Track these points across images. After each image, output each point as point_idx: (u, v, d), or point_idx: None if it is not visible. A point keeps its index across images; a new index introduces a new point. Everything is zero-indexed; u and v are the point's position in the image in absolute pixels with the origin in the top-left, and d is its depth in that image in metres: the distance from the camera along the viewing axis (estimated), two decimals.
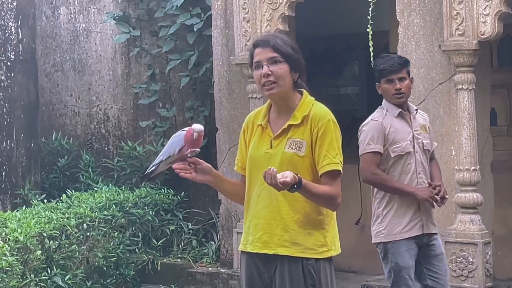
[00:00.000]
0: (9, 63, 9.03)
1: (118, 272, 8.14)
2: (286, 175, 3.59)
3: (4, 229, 6.96)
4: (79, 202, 8.01)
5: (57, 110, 10.28)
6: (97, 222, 7.78)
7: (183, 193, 8.86)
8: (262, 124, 3.91)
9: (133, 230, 8.40)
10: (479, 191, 6.60)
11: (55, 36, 10.25)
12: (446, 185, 5.73)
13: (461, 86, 6.56)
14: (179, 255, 8.62)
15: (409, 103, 5.33)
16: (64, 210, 7.70)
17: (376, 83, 5.31)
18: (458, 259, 6.53)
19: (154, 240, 8.60)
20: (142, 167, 9.18)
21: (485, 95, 7.08)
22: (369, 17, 6.92)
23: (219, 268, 8.23)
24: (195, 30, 8.77)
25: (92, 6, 9.97)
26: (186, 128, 3.88)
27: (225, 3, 8.04)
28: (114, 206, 8.12)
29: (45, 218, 7.32)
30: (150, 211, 8.50)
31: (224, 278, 8.01)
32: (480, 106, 6.84)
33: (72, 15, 10.12)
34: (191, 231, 8.81)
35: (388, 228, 5.16)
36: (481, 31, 6.47)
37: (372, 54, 6.98)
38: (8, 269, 6.57)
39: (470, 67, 6.58)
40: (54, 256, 7.25)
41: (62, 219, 7.43)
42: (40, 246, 7.05)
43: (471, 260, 6.48)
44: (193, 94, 9.22)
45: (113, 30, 9.74)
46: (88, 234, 7.69)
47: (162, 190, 8.81)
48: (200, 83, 9.12)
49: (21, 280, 6.76)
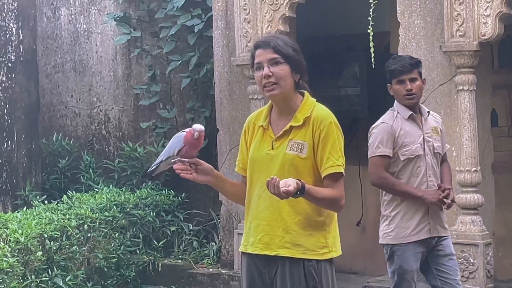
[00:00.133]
0: (10, 64, 9.03)
1: (118, 273, 8.14)
2: (289, 183, 3.57)
3: (4, 230, 6.96)
4: (80, 203, 8.01)
5: (57, 111, 10.27)
6: (98, 223, 7.78)
7: (184, 194, 8.86)
8: (263, 125, 3.90)
9: (133, 231, 8.40)
10: (480, 192, 6.59)
11: (56, 37, 10.25)
12: None
13: (462, 87, 6.56)
14: (180, 256, 8.62)
15: (421, 105, 5.28)
16: (64, 211, 7.70)
17: (387, 84, 5.28)
18: (459, 260, 6.50)
19: (154, 241, 8.59)
20: (143, 168, 9.18)
21: (486, 96, 7.08)
22: (369, 18, 6.91)
23: (220, 269, 8.23)
24: (196, 31, 8.77)
25: (92, 7, 9.97)
26: (187, 129, 3.88)
27: (225, 4, 8.04)
28: (115, 207, 8.12)
29: (45, 219, 7.32)
30: (151, 212, 8.50)
31: (225, 279, 8.01)
32: (481, 107, 6.84)
33: (72, 16, 10.12)
34: (192, 232, 8.81)
35: (396, 230, 5.13)
36: (482, 32, 6.46)
37: (373, 55, 6.98)
38: (8, 270, 6.57)
39: (471, 68, 6.57)
40: (54, 257, 7.25)
41: (63, 220, 7.43)
42: (40, 247, 7.05)
43: (472, 261, 6.48)
44: (193, 95, 9.22)
45: (113, 31, 9.73)
46: (88, 235, 7.69)
47: (163, 191, 8.81)
48: (200, 84, 9.11)
49: (21, 281, 6.76)
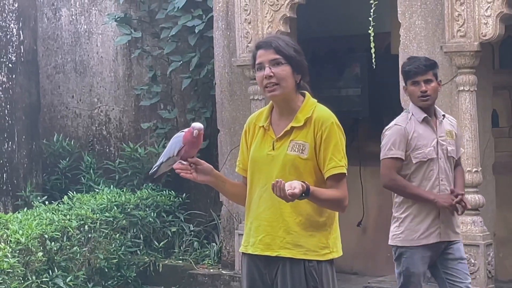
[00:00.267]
0: (10, 65, 9.03)
1: (119, 273, 8.14)
2: (295, 186, 3.57)
3: (5, 230, 6.97)
4: (81, 203, 8.01)
5: (58, 112, 10.27)
6: (98, 224, 7.78)
7: (185, 194, 8.86)
8: (264, 125, 3.90)
9: (134, 231, 8.40)
10: (481, 193, 6.59)
11: (57, 37, 10.25)
12: None
13: (462, 88, 6.55)
14: (181, 257, 8.61)
15: (436, 108, 5.25)
16: (65, 211, 7.70)
17: (403, 86, 5.27)
18: None
19: (155, 241, 8.59)
20: (144, 169, 9.18)
21: (486, 97, 7.07)
22: (370, 18, 6.91)
23: (221, 269, 8.23)
24: (197, 31, 8.77)
25: (93, 8, 9.97)
26: (186, 129, 3.89)
27: (226, 5, 8.04)
28: (115, 207, 8.12)
29: (46, 219, 7.33)
30: (152, 213, 8.50)
31: (225, 280, 8.01)
32: (481, 108, 6.84)
33: (73, 17, 10.12)
34: (193, 233, 8.80)
35: (405, 233, 5.10)
36: (482, 33, 6.46)
37: (373, 55, 6.98)
38: (9, 270, 6.57)
39: (471, 69, 6.57)
40: (55, 257, 7.25)
41: (63, 221, 7.44)
42: (41, 248, 7.06)
43: (473, 261, 6.47)
44: (194, 96, 9.22)
45: (114, 32, 9.73)
46: (89, 235, 7.69)
47: (164, 191, 8.81)
48: (201, 85, 9.11)
49: (22, 281, 6.76)
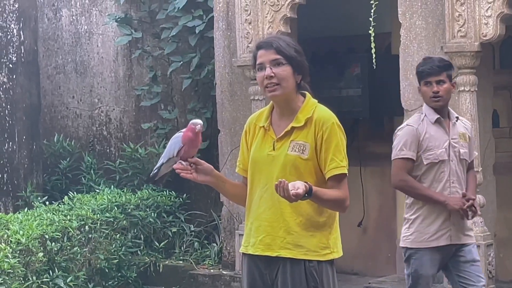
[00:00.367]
0: (11, 65, 9.03)
1: (120, 274, 8.13)
2: (298, 186, 3.57)
3: (6, 231, 6.97)
4: (81, 204, 8.01)
5: (59, 112, 10.27)
6: (99, 224, 7.78)
7: (185, 195, 8.85)
8: (264, 126, 3.90)
9: (135, 232, 8.40)
10: (482, 193, 6.58)
11: (57, 38, 10.25)
12: None
13: (463, 88, 6.55)
14: (181, 257, 8.61)
15: (450, 110, 5.24)
16: (66, 212, 7.70)
17: (417, 86, 5.28)
18: None
19: (156, 242, 8.59)
20: (144, 169, 9.18)
21: (487, 97, 7.07)
22: (371, 19, 6.91)
23: (221, 270, 8.23)
24: (197, 32, 8.76)
25: (94, 8, 9.97)
26: (183, 129, 3.89)
27: (227, 5, 8.04)
28: (116, 208, 8.12)
29: (47, 220, 7.33)
30: (152, 213, 8.50)
31: (226, 280, 8.00)
32: (482, 108, 6.83)
33: (74, 17, 10.12)
34: (193, 233, 8.80)
35: (415, 234, 5.09)
36: (483, 33, 6.46)
37: (374, 56, 6.98)
38: (10, 271, 6.57)
39: (472, 69, 6.57)
40: (56, 258, 7.25)
41: (64, 221, 7.44)
42: (42, 248, 7.06)
43: None
44: (195, 96, 9.22)
45: (115, 32, 9.73)
46: (90, 236, 7.70)
47: (164, 192, 8.80)
48: (202, 85, 9.11)
49: (23, 282, 6.76)
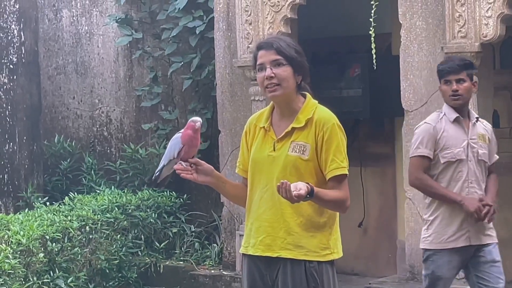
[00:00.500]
0: (11, 66, 9.03)
1: (120, 274, 8.14)
2: (300, 187, 3.58)
3: (6, 231, 6.97)
4: (82, 204, 8.01)
5: (59, 113, 10.27)
6: (99, 225, 7.78)
7: (186, 195, 8.85)
8: (265, 126, 3.90)
9: (135, 232, 8.40)
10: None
11: (58, 38, 10.25)
12: None
13: None
14: (182, 258, 8.61)
15: (470, 110, 5.24)
16: (66, 212, 7.71)
17: (438, 86, 5.27)
18: None
19: (156, 242, 8.59)
20: (145, 170, 9.18)
21: (487, 97, 7.06)
22: (371, 19, 6.91)
23: (222, 270, 8.23)
24: (198, 32, 8.77)
25: (94, 9, 9.97)
26: (182, 130, 3.89)
27: (227, 6, 8.04)
28: (116, 208, 8.12)
29: (47, 220, 7.33)
30: (153, 214, 8.50)
31: (226, 281, 8.00)
32: (482, 108, 6.82)
33: (74, 18, 10.12)
34: (194, 234, 8.80)
35: (433, 235, 5.07)
36: (483, 33, 6.45)
37: (374, 56, 6.98)
38: (10, 272, 6.58)
39: None
40: (56, 258, 7.26)
41: (64, 222, 7.45)
42: (42, 249, 7.06)
43: None
44: (195, 97, 9.22)
45: (115, 33, 9.73)
46: (90, 236, 7.70)
47: (165, 192, 8.80)
48: (202, 86, 9.11)
49: (23, 282, 6.77)
